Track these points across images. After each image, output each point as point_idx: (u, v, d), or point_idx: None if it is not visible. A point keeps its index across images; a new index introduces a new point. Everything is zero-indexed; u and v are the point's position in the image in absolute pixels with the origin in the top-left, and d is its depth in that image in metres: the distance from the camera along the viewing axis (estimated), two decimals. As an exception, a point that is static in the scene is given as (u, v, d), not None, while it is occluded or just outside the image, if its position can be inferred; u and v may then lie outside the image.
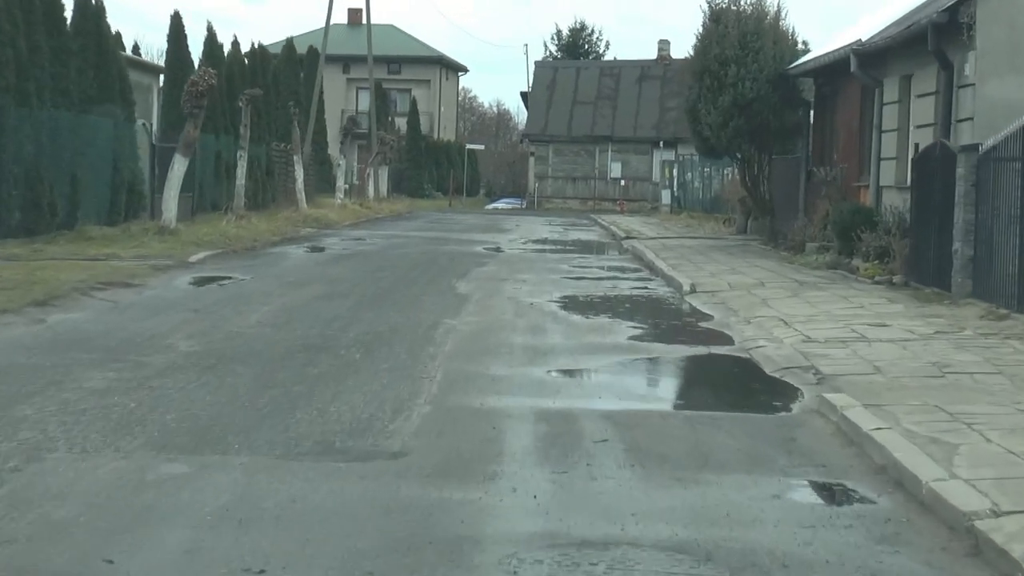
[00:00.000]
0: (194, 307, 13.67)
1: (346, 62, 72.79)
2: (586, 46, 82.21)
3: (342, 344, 11.04)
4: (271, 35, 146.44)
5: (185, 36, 34.28)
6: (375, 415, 8.01)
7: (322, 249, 24.87)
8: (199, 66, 35.78)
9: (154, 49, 63.07)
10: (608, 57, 78.22)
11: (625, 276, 20.00)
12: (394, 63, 76.18)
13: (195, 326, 12.06)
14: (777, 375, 10.10)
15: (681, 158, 53.66)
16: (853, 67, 20.68)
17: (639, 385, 10.34)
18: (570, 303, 15.54)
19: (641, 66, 65.02)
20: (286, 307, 13.86)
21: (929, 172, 16.18)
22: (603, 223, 41.11)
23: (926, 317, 13.10)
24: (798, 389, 9.43)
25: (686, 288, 16.95)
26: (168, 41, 34.19)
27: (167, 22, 39.62)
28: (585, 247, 29.08)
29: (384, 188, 53.33)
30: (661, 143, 59.43)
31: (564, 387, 9.50)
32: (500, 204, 63.34)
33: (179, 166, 22.84)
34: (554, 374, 9.99)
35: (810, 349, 11.00)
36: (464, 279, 18.16)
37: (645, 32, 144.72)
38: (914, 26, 17.74)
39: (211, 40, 36.43)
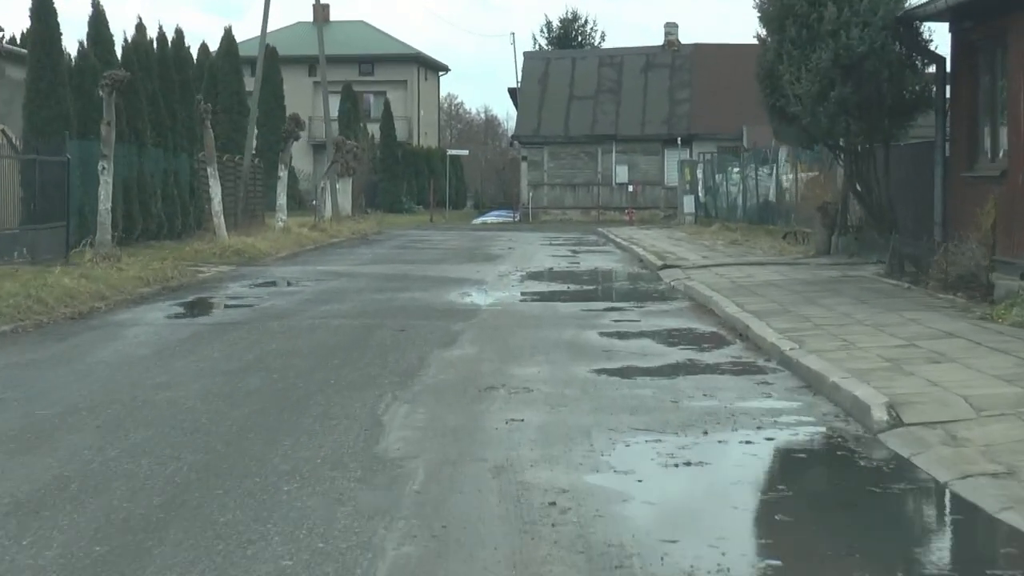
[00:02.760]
0: None
1: (311, 64, 63.49)
2: (579, 38, 73.54)
3: None
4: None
5: (55, 12, 25.27)
6: None
7: (204, 310, 15.88)
8: (78, 52, 27.04)
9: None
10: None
11: (709, 362, 10.87)
12: (366, 62, 67.35)
13: None
14: None
15: (704, 156, 44.63)
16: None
17: None
18: (644, 495, 6.53)
19: (646, 54, 56.19)
20: None
21: None
22: (618, 240, 32.16)
23: None
24: None
25: (879, 416, 7.81)
26: (31, 18, 25.18)
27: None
28: (611, 286, 20.11)
29: (348, 204, 44.29)
30: (678, 140, 50.36)
31: None
32: (489, 218, 54.19)
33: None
34: None
35: None
36: (404, 394, 9.10)
37: (646, 16, 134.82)
38: None
39: (97, 19, 27.58)
